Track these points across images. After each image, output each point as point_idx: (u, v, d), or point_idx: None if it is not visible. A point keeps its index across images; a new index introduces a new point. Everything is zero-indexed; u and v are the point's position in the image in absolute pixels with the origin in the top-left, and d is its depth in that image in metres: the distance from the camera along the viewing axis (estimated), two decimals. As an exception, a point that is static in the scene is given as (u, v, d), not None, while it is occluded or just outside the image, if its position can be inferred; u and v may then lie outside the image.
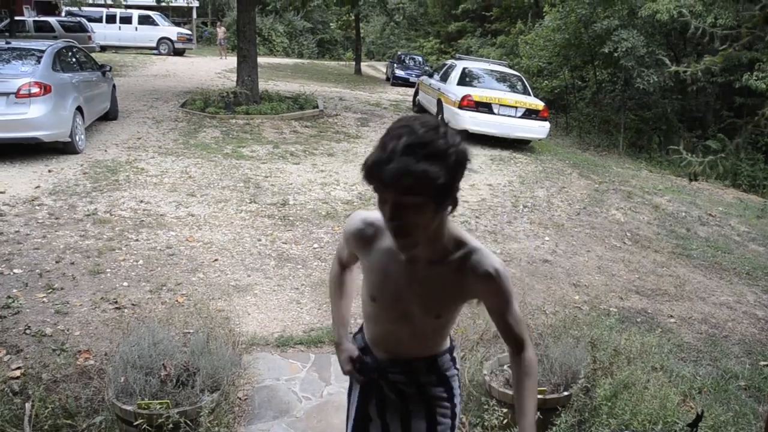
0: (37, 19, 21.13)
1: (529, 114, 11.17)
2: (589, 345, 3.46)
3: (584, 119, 18.12)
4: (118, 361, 2.93)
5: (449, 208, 1.48)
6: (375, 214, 1.62)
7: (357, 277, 1.97)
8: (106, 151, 8.57)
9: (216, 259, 5.34)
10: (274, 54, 38.29)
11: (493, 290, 1.62)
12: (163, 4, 21.86)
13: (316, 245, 5.88)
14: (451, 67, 12.89)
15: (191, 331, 4.06)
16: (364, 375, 1.85)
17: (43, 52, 8.04)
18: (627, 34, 12.81)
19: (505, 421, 2.93)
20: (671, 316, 5.23)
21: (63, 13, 24.18)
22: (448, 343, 1.85)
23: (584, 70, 18.20)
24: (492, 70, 12.80)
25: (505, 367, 3.42)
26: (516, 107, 11.08)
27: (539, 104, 11.40)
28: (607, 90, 17.38)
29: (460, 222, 6.86)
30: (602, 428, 2.89)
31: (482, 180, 8.81)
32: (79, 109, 8.34)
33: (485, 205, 7.61)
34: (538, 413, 2.92)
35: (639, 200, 8.90)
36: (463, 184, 1.46)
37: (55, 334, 3.94)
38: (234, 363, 3.28)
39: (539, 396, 3.02)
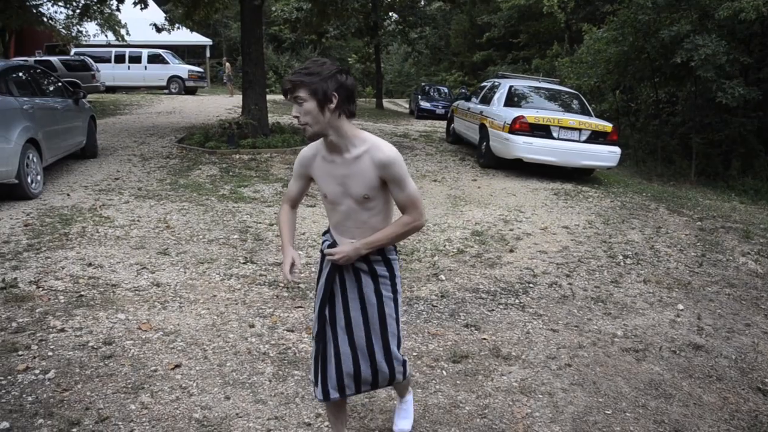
0: (38, 58, 19.75)
1: (596, 137, 9.08)
2: None
3: (637, 146, 15.99)
4: None
5: (332, 108, 2.03)
6: (311, 145, 2.23)
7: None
8: (68, 195, 6.67)
9: (177, 365, 3.29)
10: (292, 91, 36.89)
11: (389, 172, 2.10)
12: (175, 43, 20.40)
13: (338, 331, 3.80)
14: (495, 87, 10.88)
15: None
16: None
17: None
18: (703, 40, 10.60)
19: None
20: None
21: (72, 53, 22.95)
22: None
23: (636, 92, 16.11)
24: (543, 88, 10.77)
25: None
26: (580, 129, 9.00)
27: (607, 125, 9.31)
28: (666, 111, 15.18)
29: (547, 285, 4.76)
30: None
31: (554, 220, 6.71)
32: (33, 142, 6.48)
33: (572, 257, 5.49)
34: None
35: (762, 240, 6.71)
36: (532, 227, 2.44)
37: None
38: None
39: None
